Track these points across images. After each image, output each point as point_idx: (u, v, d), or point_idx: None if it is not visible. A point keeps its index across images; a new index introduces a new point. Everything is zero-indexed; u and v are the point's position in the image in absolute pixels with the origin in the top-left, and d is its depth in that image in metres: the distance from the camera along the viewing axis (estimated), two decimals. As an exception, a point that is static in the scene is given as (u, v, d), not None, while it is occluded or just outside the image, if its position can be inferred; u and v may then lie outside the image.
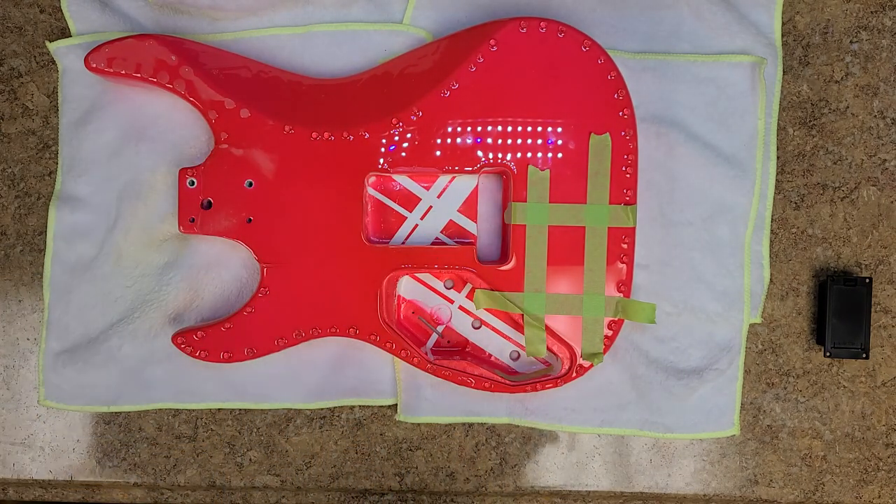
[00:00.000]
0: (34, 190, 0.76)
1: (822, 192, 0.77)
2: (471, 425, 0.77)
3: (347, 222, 0.70)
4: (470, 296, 0.74)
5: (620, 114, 0.69)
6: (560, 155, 0.70)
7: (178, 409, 0.77)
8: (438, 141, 0.69)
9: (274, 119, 0.70)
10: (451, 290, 0.75)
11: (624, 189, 0.70)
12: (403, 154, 0.70)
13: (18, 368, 0.77)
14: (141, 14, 0.74)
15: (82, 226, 0.75)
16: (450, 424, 0.77)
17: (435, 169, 0.70)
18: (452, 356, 0.73)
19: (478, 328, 0.75)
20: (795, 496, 0.77)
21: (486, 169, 0.70)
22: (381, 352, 0.75)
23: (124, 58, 0.69)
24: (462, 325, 0.75)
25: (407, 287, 0.75)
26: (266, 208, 0.70)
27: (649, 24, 0.75)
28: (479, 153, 0.70)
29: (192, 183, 0.70)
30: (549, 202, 0.70)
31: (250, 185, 0.70)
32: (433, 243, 0.73)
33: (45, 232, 0.75)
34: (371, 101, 0.71)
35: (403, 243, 0.73)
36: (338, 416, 0.77)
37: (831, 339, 0.75)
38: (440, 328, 0.75)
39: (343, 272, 0.71)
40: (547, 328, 0.71)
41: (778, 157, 0.76)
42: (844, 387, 0.77)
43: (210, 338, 0.71)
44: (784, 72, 0.76)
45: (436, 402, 0.75)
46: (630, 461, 0.77)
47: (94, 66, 0.69)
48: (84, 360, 0.75)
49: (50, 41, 0.75)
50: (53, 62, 0.76)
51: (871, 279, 0.75)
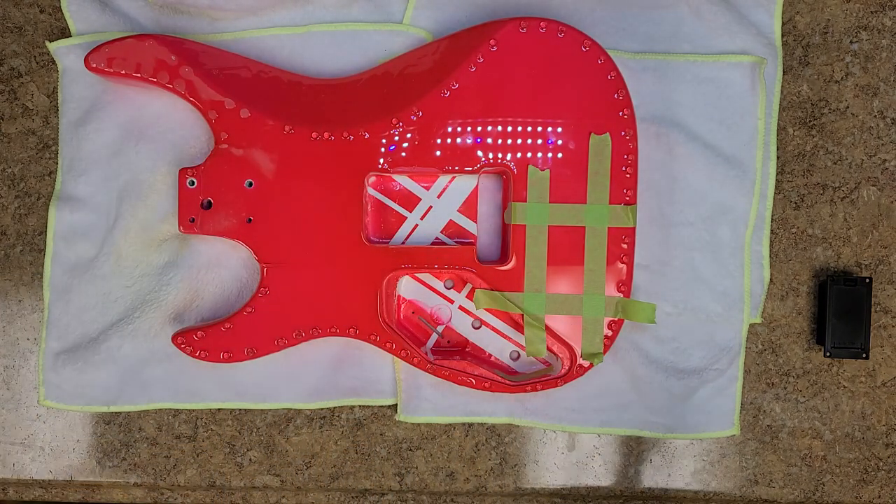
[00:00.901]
0: (34, 190, 0.76)
1: (822, 192, 0.77)
2: (471, 425, 0.77)
3: (347, 222, 0.70)
4: (470, 296, 0.74)
5: (620, 114, 0.69)
6: (560, 155, 0.70)
7: (178, 409, 0.77)
8: (438, 141, 0.69)
9: (274, 119, 0.70)
10: (451, 290, 0.75)
11: (624, 189, 0.70)
12: (403, 154, 0.70)
13: (18, 368, 0.77)
14: (141, 14, 0.74)
15: (82, 226, 0.75)
16: (450, 424, 0.77)
17: (435, 169, 0.70)
18: (452, 356, 0.73)
19: (478, 328, 0.75)
20: (795, 496, 0.77)
21: (486, 169, 0.70)
22: (381, 352, 0.75)
23: (124, 58, 0.69)
24: (462, 325, 0.75)
25: (407, 287, 0.75)
26: (266, 208, 0.70)
27: (649, 24, 0.75)
28: (479, 153, 0.70)
29: (192, 183, 0.70)
30: (549, 202, 0.70)
31: (250, 185, 0.70)
32: (433, 243, 0.73)
33: (45, 232, 0.75)
34: (371, 101, 0.71)
35: (403, 243, 0.73)
36: (338, 416, 0.77)
37: (831, 339, 0.75)
38: (440, 328, 0.75)
39: (343, 272, 0.71)
40: (547, 328, 0.71)
41: (778, 157, 0.76)
42: (844, 387, 0.77)
43: (210, 338, 0.71)
44: (784, 72, 0.76)
45: (436, 402, 0.75)
46: (630, 461, 0.77)
47: (94, 66, 0.69)
48: (84, 359, 0.75)
49: (50, 41, 0.75)
50: (53, 62, 0.76)
51: (871, 279, 0.75)
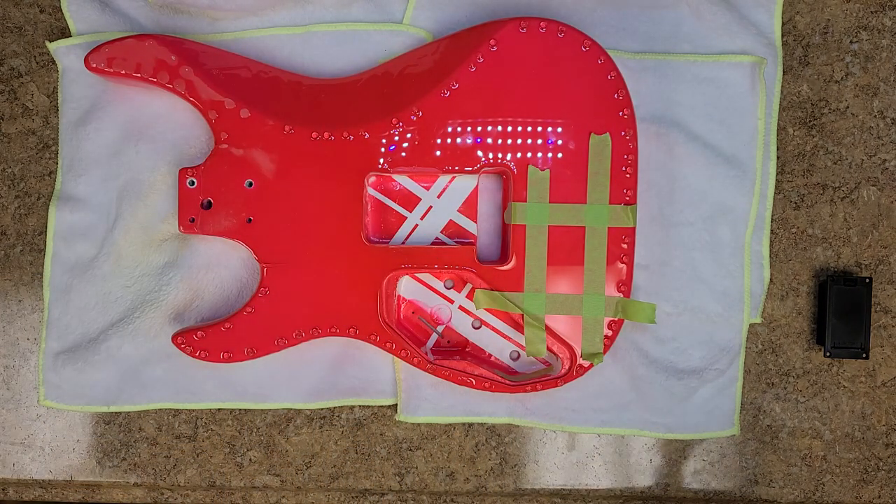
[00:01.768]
0: (34, 190, 0.76)
1: (822, 192, 0.77)
2: (471, 425, 0.77)
3: (347, 222, 0.70)
4: (470, 296, 0.74)
5: (620, 114, 0.69)
6: (560, 155, 0.70)
7: (178, 409, 0.77)
8: (438, 141, 0.69)
9: (274, 119, 0.70)
10: (451, 290, 0.75)
11: (624, 189, 0.70)
12: (403, 154, 0.70)
13: (18, 368, 0.77)
14: (141, 14, 0.74)
15: (82, 226, 0.75)
16: (450, 424, 0.77)
17: (435, 169, 0.70)
18: (452, 356, 0.73)
19: (478, 328, 0.75)
20: (795, 496, 0.77)
21: (486, 169, 0.70)
22: (381, 352, 0.75)
23: (124, 58, 0.69)
24: (462, 325, 0.75)
25: (407, 287, 0.75)
26: (266, 208, 0.70)
27: (649, 24, 0.75)
28: (479, 153, 0.70)
29: (192, 183, 0.70)
30: (549, 202, 0.70)
31: (250, 185, 0.70)
32: (433, 243, 0.73)
33: (45, 232, 0.75)
34: (371, 101, 0.71)
35: (403, 243, 0.73)
36: (338, 416, 0.77)
37: (831, 339, 0.75)
38: (440, 328, 0.75)
39: (343, 272, 0.71)
40: (547, 328, 0.71)
41: (778, 157, 0.76)
42: (844, 387, 0.77)
43: (210, 338, 0.71)
44: (784, 72, 0.76)
45: (436, 402, 0.75)
46: (630, 461, 0.77)
47: (94, 66, 0.69)
48: (84, 359, 0.75)
49: (50, 41, 0.75)
50: (53, 62, 0.76)
51: (871, 279, 0.75)
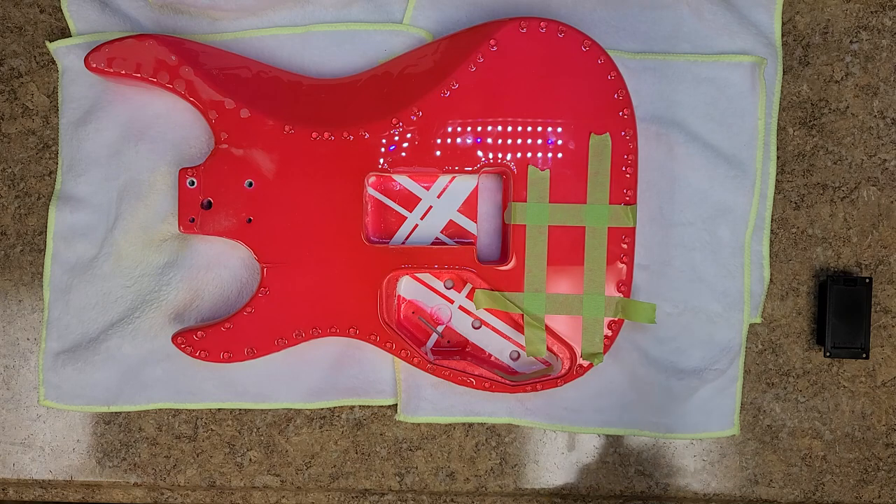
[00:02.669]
0: (34, 190, 0.76)
1: (822, 192, 0.77)
2: (471, 425, 0.77)
3: (347, 222, 0.70)
4: (470, 296, 0.74)
5: (620, 114, 0.69)
6: (560, 155, 0.70)
7: (178, 409, 0.77)
8: (438, 141, 0.69)
9: (274, 119, 0.70)
10: (451, 290, 0.75)
11: (624, 189, 0.70)
12: (403, 154, 0.70)
13: (18, 368, 0.77)
14: (141, 14, 0.74)
15: (82, 226, 0.75)
16: (450, 424, 0.77)
17: (435, 169, 0.70)
18: (452, 356, 0.73)
19: (478, 328, 0.75)
20: (795, 496, 0.77)
21: (486, 169, 0.70)
22: (381, 352, 0.75)
23: (124, 58, 0.69)
24: (462, 325, 0.75)
25: (407, 287, 0.75)
26: (266, 208, 0.70)
27: (649, 24, 0.75)
28: (479, 153, 0.70)
29: (192, 183, 0.70)
30: (549, 202, 0.70)
31: (250, 185, 0.70)
32: (433, 243, 0.73)
33: (45, 232, 0.75)
34: (371, 101, 0.71)
35: (403, 243, 0.73)
36: (338, 416, 0.77)
37: (831, 339, 0.75)
38: (440, 328, 0.75)
39: (343, 272, 0.71)
40: (547, 328, 0.71)
41: (778, 157, 0.76)
42: (844, 387, 0.77)
43: (210, 338, 0.71)
44: (784, 72, 0.76)
45: (436, 402, 0.75)
46: (630, 461, 0.77)
47: (94, 66, 0.69)
48: (84, 359, 0.75)
49: (50, 41, 0.75)
50: (53, 62, 0.76)
51: (871, 279, 0.75)
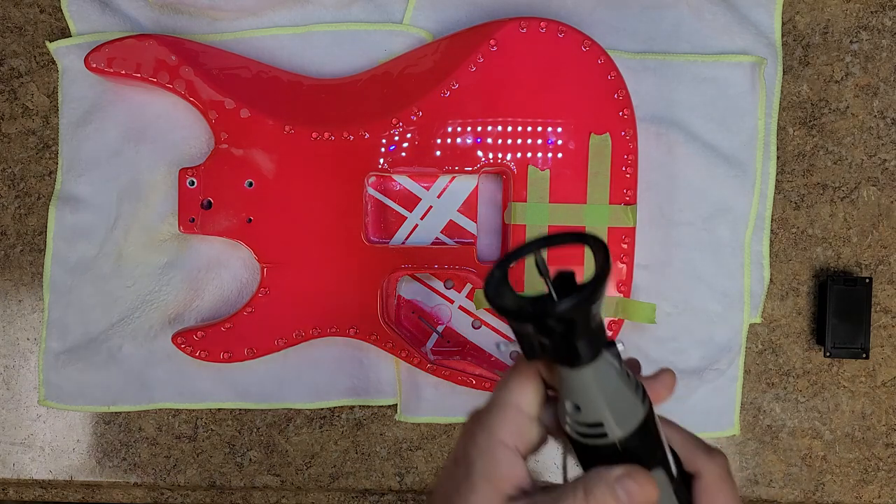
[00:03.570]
0: (34, 190, 0.76)
1: (822, 192, 0.76)
2: (471, 425, 0.77)
3: (347, 222, 0.70)
4: (470, 296, 0.74)
5: (620, 114, 0.69)
6: (560, 155, 0.70)
7: (178, 409, 0.77)
8: (438, 141, 0.69)
9: (274, 119, 0.70)
10: (451, 289, 0.75)
11: (624, 189, 0.70)
12: (403, 154, 0.70)
13: (18, 368, 0.77)
14: (141, 14, 0.74)
15: (82, 226, 0.75)
16: (450, 424, 0.77)
17: (435, 169, 0.70)
18: (452, 356, 0.73)
19: (478, 328, 0.75)
20: (795, 496, 0.77)
21: (485, 169, 0.70)
22: (381, 352, 0.74)
23: (124, 58, 0.69)
24: (462, 325, 0.75)
25: (407, 287, 0.75)
26: (266, 208, 0.70)
27: (649, 24, 0.75)
28: (479, 153, 0.70)
29: (192, 183, 0.70)
30: (549, 202, 0.70)
31: (250, 185, 0.70)
32: (433, 243, 0.73)
33: (45, 232, 0.75)
34: (371, 101, 0.71)
35: (403, 243, 0.73)
36: (338, 416, 0.77)
37: (831, 339, 0.75)
38: (440, 328, 0.75)
39: (343, 272, 0.71)
40: (547, 328, 0.71)
41: (778, 157, 0.76)
42: (844, 387, 0.77)
43: (210, 338, 0.71)
44: (784, 72, 0.76)
45: (436, 402, 0.75)
46: (630, 461, 0.77)
47: (94, 66, 0.69)
48: (84, 360, 0.75)
49: (50, 41, 0.75)
50: (53, 62, 0.76)
51: (871, 279, 0.75)
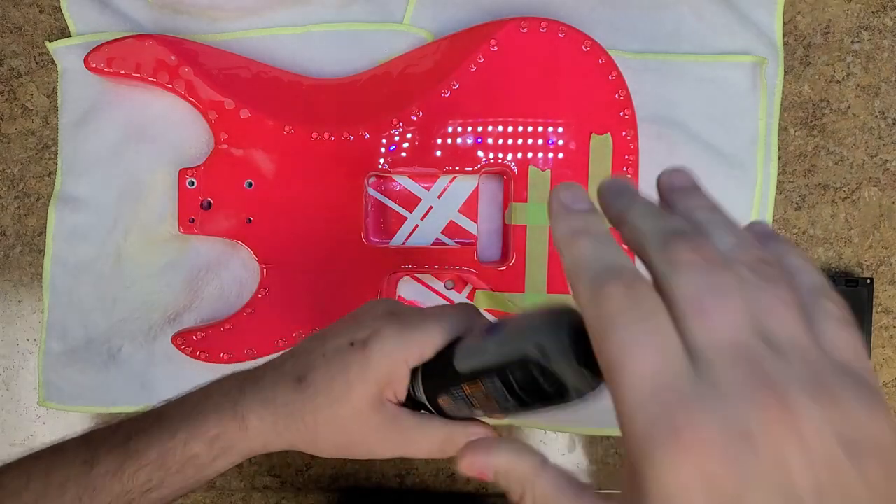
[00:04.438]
0: (34, 190, 0.76)
1: (823, 192, 0.76)
2: (471, 426, 0.77)
3: (347, 223, 0.70)
4: (470, 296, 0.74)
5: (621, 114, 0.69)
6: (561, 155, 0.69)
7: (177, 410, 0.77)
8: (439, 141, 0.69)
9: (274, 119, 0.70)
10: (452, 290, 0.75)
11: (625, 189, 0.69)
12: (404, 154, 0.70)
13: (18, 369, 0.77)
14: (141, 14, 0.74)
15: (82, 226, 0.75)
16: (450, 425, 0.77)
17: (435, 169, 0.70)
18: (453, 357, 0.73)
19: (478, 329, 0.75)
20: (797, 497, 0.77)
21: (486, 169, 0.70)
22: (381, 352, 0.74)
23: (124, 58, 0.69)
24: (462, 326, 0.75)
25: (407, 288, 0.75)
26: (266, 208, 0.70)
27: (650, 24, 0.74)
28: (480, 153, 0.69)
29: (192, 183, 0.70)
30: (550, 202, 0.70)
31: (250, 185, 0.70)
32: (434, 244, 0.73)
33: (45, 232, 0.75)
34: (371, 101, 0.71)
35: (404, 244, 0.73)
36: (338, 417, 0.77)
37: (833, 339, 0.75)
38: (440, 329, 0.75)
39: (343, 273, 0.70)
40: (547, 329, 0.71)
41: (779, 158, 0.76)
42: (846, 388, 0.77)
43: (209, 338, 0.71)
44: (785, 72, 0.76)
45: (436, 402, 0.75)
46: (631, 462, 0.77)
47: (94, 66, 0.69)
48: (84, 360, 0.75)
49: (50, 41, 0.75)
50: (53, 62, 0.76)
51: (872, 280, 0.75)
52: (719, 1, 0.74)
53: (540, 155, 0.70)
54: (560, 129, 0.69)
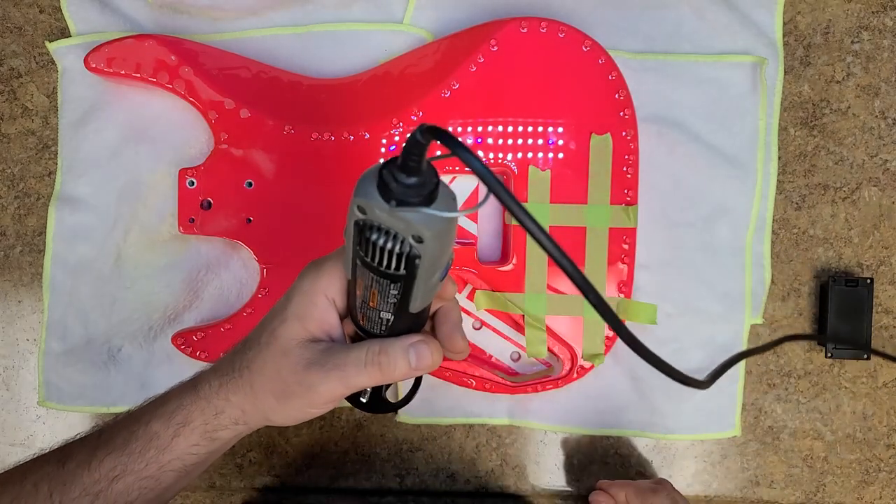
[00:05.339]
0: (34, 190, 0.76)
1: (823, 192, 0.76)
2: (471, 426, 0.77)
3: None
4: (470, 297, 0.74)
5: (621, 114, 0.69)
6: (561, 155, 0.69)
7: (177, 410, 0.77)
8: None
9: (274, 119, 0.70)
10: (452, 290, 0.75)
11: (625, 189, 0.70)
12: (404, 154, 0.70)
13: (18, 369, 0.77)
14: (141, 14, 0.74)
15: (82, 226, 0.75)
16: (450, 425, 0.77)
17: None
18: (453, 357, 0.73)
19: (478, 329, 0.75)
20: (797, 497, 0.77)
21: (486, 169, 0.70)
22: (381, 352, 0.74)
23: (124, 58, 0.69)
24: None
25: (407, 288, 0.75)
26: (266, 208, 0.70)
27: (650, 24, 0.74)
28: (480, 153, 0.69)
29: (192, 183, 0.70)
30: (550, 202, 0.70)
31: (250, 185, 0.70)
32: (433, 244, 0.73)
33: (45, 232, 0.75)
34: (371, 101, 0.71)
35: (404, 244, 0.73)
36: (338, 417, 0.77)
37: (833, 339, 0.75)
38: (440, 329, 0.75)
39: (343, 273, 0.70)
40: (548, 329, 0.71)
41: (779, 158, 0.76)
42: (846, 388, 0.77)
43: (209, 338, 0.71)
44: (785, 72, 0.76)
45: (436, 403, 0.75)
46: (631, 462, 0.77)
47: (94, 66, 0.69)
48: (84, 360, 0.75)
49: (50, 41, 0.75)
50: (53, 62, 0.76)
51: (872, 280, 0.75)
52: (720, 1, 0.74)
53: (540, 155, 0.69)
54: (560, 129, 0.69)
